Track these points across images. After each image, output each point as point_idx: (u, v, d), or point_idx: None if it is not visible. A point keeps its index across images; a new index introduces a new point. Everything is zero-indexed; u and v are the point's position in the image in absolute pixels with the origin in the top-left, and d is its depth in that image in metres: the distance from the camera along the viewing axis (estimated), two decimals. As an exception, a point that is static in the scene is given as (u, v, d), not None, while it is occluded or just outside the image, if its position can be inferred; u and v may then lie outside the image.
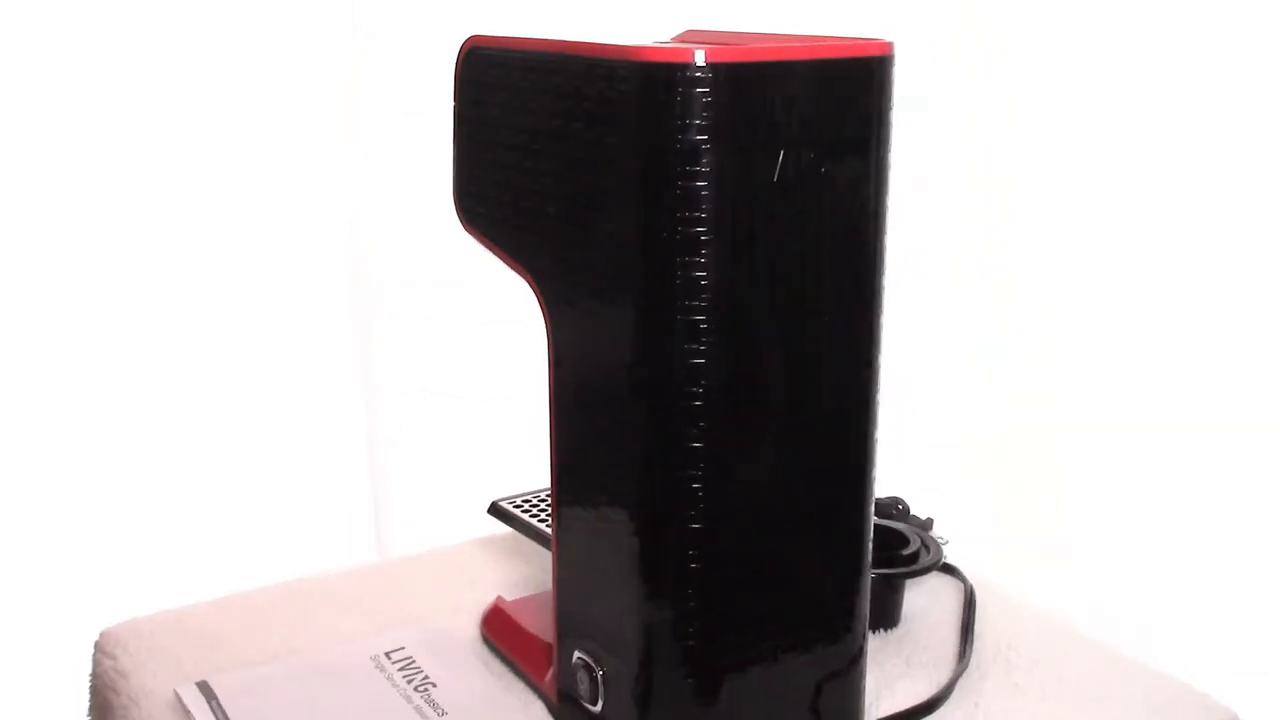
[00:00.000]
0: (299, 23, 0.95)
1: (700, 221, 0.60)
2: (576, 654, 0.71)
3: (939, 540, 0.95)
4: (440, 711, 0.75)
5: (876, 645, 0.84)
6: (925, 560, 0.86)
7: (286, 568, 0.89)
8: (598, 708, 0.70)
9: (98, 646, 0.86)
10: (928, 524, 0.97)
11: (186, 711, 0.75)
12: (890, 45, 0.64)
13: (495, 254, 0.73)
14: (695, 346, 0.62)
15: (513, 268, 0.71)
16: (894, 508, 0.99)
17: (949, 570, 0.93)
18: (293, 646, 0.83)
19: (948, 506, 0.95)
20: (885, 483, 1.03)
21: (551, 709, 0.75)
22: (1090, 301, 1.13)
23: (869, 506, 0.70)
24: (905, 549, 0.86)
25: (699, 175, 0.59)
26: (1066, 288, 1.13)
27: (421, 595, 0.91)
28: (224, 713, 0.74)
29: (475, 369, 1.07)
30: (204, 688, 0.77)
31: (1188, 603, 1.15)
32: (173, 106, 0.90)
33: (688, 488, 0.64)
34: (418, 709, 0.75)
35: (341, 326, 1.08)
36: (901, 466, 1.18)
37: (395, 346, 1.08)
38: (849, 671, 0.71)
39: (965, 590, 0.89)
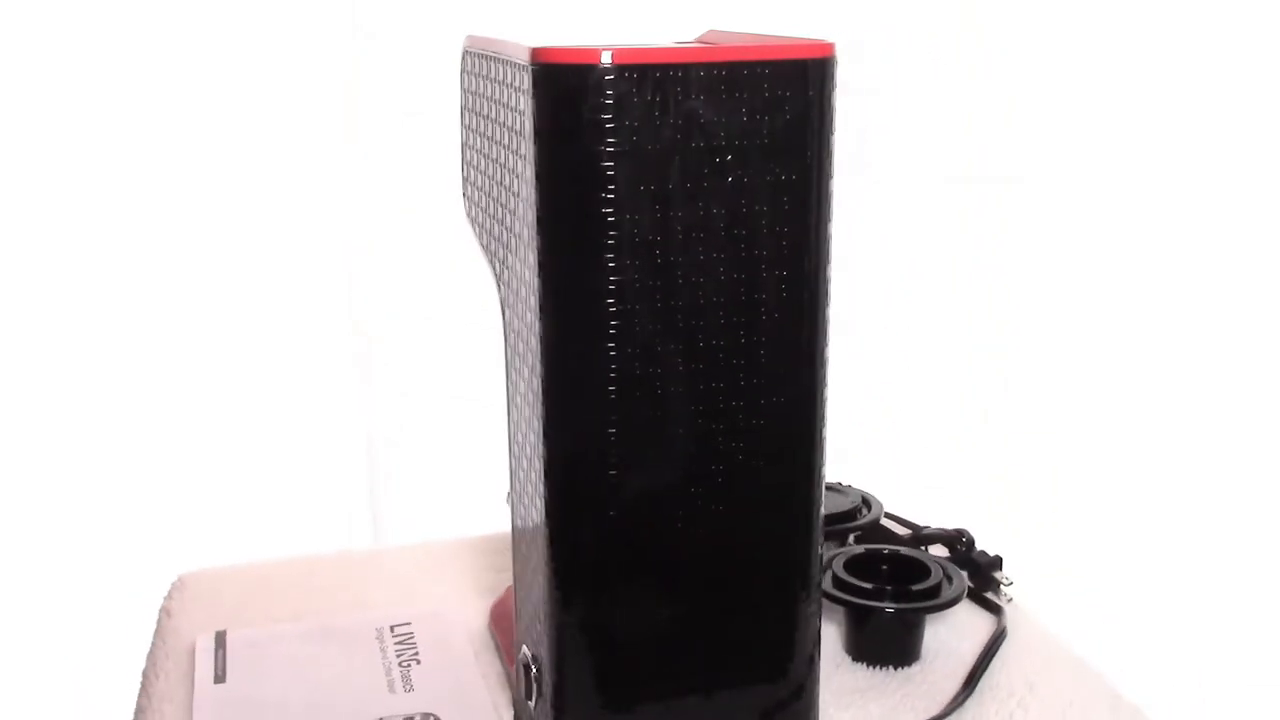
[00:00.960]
0: (299, 23, 0.99)
1: (598, 226, 0.59)
2: (523, 650, 0.72)
3: (1004, 581, 0.89)
4: (409, 688, 0.77)
5: (878, 681, 0.79)
6: (947, 594, 0.81)
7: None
8: (532, 705, 0.70)
9: (170, 589, 0.95)
10: (995, 561, 0.90)
11: (193, 657, 0.81)
12: (830, 47, 0.61)
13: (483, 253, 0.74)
14: (599, 352, 0.61)
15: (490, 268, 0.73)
16: (958, 541, 0.93)
17: (993, 608, 0.86)
18: (321, 610, 0.88)
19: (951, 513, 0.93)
20: (885, 488, 1.01)
21: (513, 703, 0.77)
22: (1091, 302, 1.10)
23: (812, 529, 0.66)
24: (925, 581, 0.81)
25: (595, 179, 0.58)
26: (1068, 289, 1.10)
27: (463, 576, 0.94)
28: (224, 662, 0.80)
29: (476, 369, 1.08)
30: (219, 638, 0.83)
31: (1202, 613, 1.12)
32: (173, 106, 0.94)
33: (595, 492, 0.63)
34: (390, 682, 0.78)
35: (341, 326, 1.12)
36: (898, 470, 1.14)
37: (395, 346, 1.10)
38: (790, 705, 0.68)
39: (995, 631, 0.83)
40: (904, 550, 0.85)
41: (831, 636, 0.83)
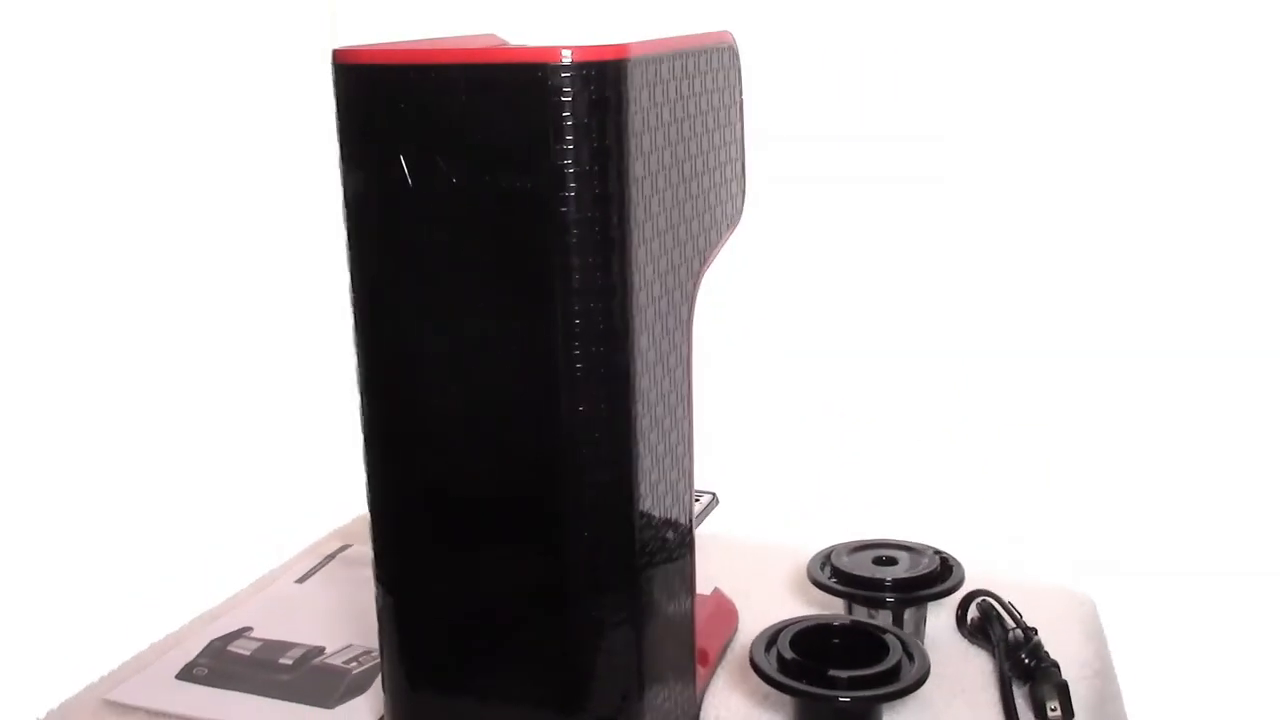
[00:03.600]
0: (298, 21, 1.02)
1: (359, 221, 0.62)
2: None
3: (1052, 710, 0.72)
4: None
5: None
6: (906, 678, 0.68)
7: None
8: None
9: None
10: (1060, 686, 0.73)
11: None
12: (612, 51, 0.56)
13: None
14: (364, 354, 0.64)
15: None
16: (1024, 645, 0.75)
17: (1012, 715, 0.71)
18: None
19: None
20: (880, 490, 1.09)
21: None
22: (1088, 303, 1.10)
23: (631, 555, 0.62)
24: (881, 662, 0.68)
25: (351, 176, 0.62)
26: (1064, 290, 1.10)
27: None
28: (319, 568, 0.93)
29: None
30: (339, 550, 0.96)
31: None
32: (172, 105, 0.97)
33: (404, 482, 0.66)
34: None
35: (341, 326, 1.10)
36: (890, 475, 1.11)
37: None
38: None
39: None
40: (862, 623, 0.73)
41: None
